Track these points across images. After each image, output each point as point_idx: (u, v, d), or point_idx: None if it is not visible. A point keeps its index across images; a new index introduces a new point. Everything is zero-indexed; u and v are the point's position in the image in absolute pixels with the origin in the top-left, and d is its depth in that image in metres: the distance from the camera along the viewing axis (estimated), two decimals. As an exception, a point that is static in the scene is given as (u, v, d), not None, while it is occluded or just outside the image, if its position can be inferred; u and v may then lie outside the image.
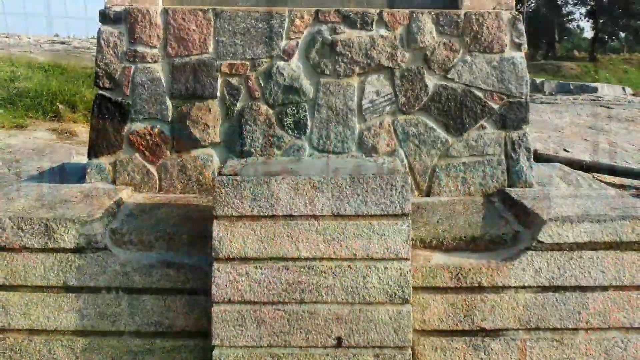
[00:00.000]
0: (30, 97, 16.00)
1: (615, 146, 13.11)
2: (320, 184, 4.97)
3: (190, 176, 6.66)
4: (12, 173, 10.30)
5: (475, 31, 6.67)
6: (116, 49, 6.65)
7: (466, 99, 6.68)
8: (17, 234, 5.31)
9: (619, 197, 6.18)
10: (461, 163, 6.69)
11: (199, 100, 6.65)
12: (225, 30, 6.63)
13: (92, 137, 6.69)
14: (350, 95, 6.67)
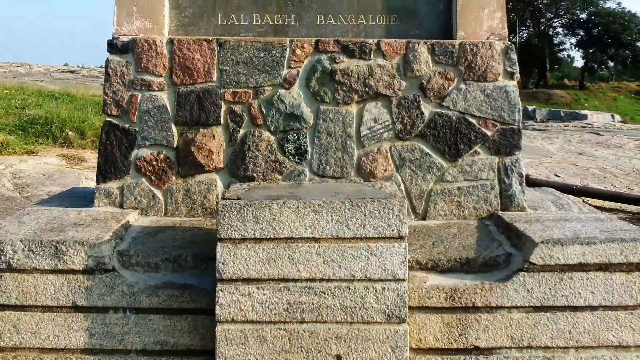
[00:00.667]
0: (41, 124, 16.04)
1: (604, 171, 13.15)
2: (321, 208, 5.01)
3: (195, 200, 6.70)
4: (23, 197, 10.33)
5: (469, 60, 6.73)
6: (123, 77, 6.70)
7: (461, 126, 6.74)
8: (28, 256, 5.34)
9: (608, 221, 6.22)
10: (456, 187, 6.74)
11: (204, 127, 6.71)
12: (228, 60, 6.69)
13: (100, 163, 6.74)
14: (349, 122, 6.72)
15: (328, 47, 6.71)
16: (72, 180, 11.38)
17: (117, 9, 6.77)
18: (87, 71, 43.92)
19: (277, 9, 6.97)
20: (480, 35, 6.80)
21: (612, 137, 19.88)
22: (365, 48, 6.71)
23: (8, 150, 14.17)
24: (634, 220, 9.83)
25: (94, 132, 15.82)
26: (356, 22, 6.98)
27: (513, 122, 6.75)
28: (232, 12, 6.96)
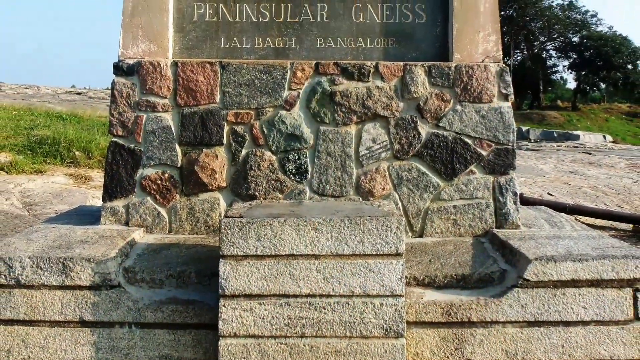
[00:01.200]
0: (49, 144, 16.07)
1: (596, 190, 13.16)
2: (320, 226, 5.03)
3: (198, 218, 6.72)
4: (32, 215, 10.33)
5: (465, 82, 6.75)
6: (129, 99, 6.73)
7: (457, 146, 6.76)
8: (36, 272, 5.36)
9: (600, 238, 6.24)
10: (452, 206, 6.76)
11: (207, 147, 6.73)
12: (231, 82, 6.71)
13: (107, 182, 6.76)
14: (348, 143, 6.74)
15: (328, 69, 6.73)
16: (79, 199, 11.39)
17: (122, 33, 6.80)
18: (94, 93, 43.99)
19: (278, 32, 7.00)
20: (476, 58, 6.83)
21: (603, 157, 19.90)
22: (364, 70, 6.74)
23: (17, 169, 14.20)
24: (625, 237, 9.84)
25: (100, 152, 15.86)
26: (355, 45, 7.01)
27: (507, 142, 6.77)
28: (235, 36, 7.00)
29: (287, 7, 7.01)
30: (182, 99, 6.72)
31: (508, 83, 6.82)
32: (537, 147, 26.49)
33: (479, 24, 6.86)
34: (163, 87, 6.71)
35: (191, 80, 6.71)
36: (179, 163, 6.73)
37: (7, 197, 11.31)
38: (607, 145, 33.17)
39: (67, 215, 7.56)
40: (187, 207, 6.72)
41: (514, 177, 6.79)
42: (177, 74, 6.72)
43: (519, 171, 7.66)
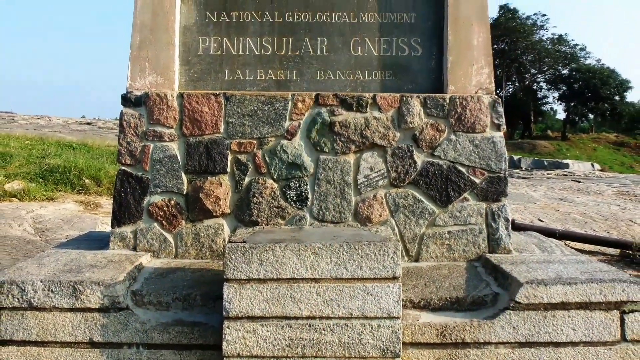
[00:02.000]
0: (60, 172, 16.08)
1: (584, 216, 13.16)
2: (320, 251, 5.04)
3: (203, 243, 6.73)
4: (43, 240, 10.33)
5: (459, 113, 6.78)
6: (137, 129, 6.75)
7: (451, 174, 6.78)
8: (47, 295, 5.37)
9: (588, 262, 6.25)
10: (446, 232, 6.77)
11: (211, 175, 6.75)
12: (234, 112, 6.74)
13: (115, 208, 6.78)
14: (347, 171, 6.76)
15: (327, 100, 6.76)
16: (88, 225, 11.39)
17: (130, 66, 6.83)
18: (103, 123, 44.04)
19: (279, 65, 7.03)
20: (469, 89, 6.86)
21: (592, 184, 19.91)
22: (362, 102, 6.76)
23: (29, 196, 14.21)
24: (613, 261, 9.85)
25: (109, 180, 15.88)
26: (354, 77, 7.04)
27: (500, 170, 6.79)
28: (238, 68, 7.03)
29: (288, 41, 7.05)
30: (187, 129, 6.74)
31: (500, 114, 6.85)
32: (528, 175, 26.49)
33: (472, 58, 6.89)
34: (169, 118, 6.73)
35: (196, 111, 6.73)
36: (184, 190, 6.75)
37: (20, 223, 11.31)
38: (595, 173, 33.18)
39: (77, 240, 7.57)
40: (193, 232, 6.73)
41: (506, 204, 6.80)
42: (182, 105, 6.75)
43: (510, 198, 7.68)
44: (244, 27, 7.05)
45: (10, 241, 9.88)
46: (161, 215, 6.73)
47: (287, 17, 7.06)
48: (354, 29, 7.07)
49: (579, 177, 24.74)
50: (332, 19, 7.07)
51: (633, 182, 21.15)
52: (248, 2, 7.06)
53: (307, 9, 7.07)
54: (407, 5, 7.10)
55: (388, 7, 7.09)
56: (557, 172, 31.15)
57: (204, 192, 6.72)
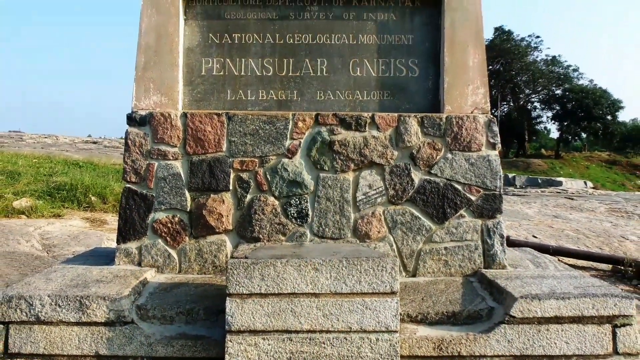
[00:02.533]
0: (67, 189, 16.08)
1: (577, 233, 13.15)
2: (320, 266, 5.05)
3: (206, 259, 6.73)
4: (51, 256, 10.32)
5: (455, 132, 6.80)
6: (142, 147, 6.77)
7: (447, 192, 6.79)
8: (55, 309, 5.38)
9: (581, 278, 6.25)
10: (443, 247, 6.77)
11: (214, 193, 6.76)
12: (237, 132, 6.75)
13: (121, 225, 6.79)
14: (346, 189, 6.77)
15: (327, 120, 6.78)
16: (94, 241, 11.38)
17: (135, 86, 6.85)
18: (109, 142, 44.07)
19: (280, 85, 7.05)
20: (465, 109, 6.87)
21: (584, 201, 19.90)
22: (361, 121, 6.78)
23: (37, 213, 14.21)
24: (605, 277, 9.84)
25: (114, 197, 15.88)
26: (353, 97, 7.06)
27: (495, 188, 6.80)
28: (240, 89, 7.05)
29: (289, 62, 7.07)
30: (191, 148, 6.76)
31: (495, 133, 6.87)
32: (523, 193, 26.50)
33: (468, 78, 6.91)
34: (173, 137, 6.75)
35: (199, 130, 6.75)
36: (188, 207, 6.76)
37: (27, 239, 11.30)
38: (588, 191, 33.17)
39: (83, 256, 7.57)
40: (196, 248, 6.74)
41: (501, 221, 6.81)
42: (186, 125, 6.76)
43: (505, 215, 7.68)
44: (246, 49, 7.08)
45: (19, 257, 9.88)
46: (165, 231, 6.74)
47: (287, 39, 7.09)
48: (353, 50, 7.10)
49: (572, 195, 24.75)
50: (332, 41, 7.10)
51: (625, 200, 21.15)
52: (250, 24, 7.10)
53: (307, 31, 7.10)
54: (404, 28, 7.13)
55: (386, 29, 7.12)
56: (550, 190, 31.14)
57: (207, 209, 6.73)
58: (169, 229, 6.74)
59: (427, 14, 7.16)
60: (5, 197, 14.76)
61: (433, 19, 7.14)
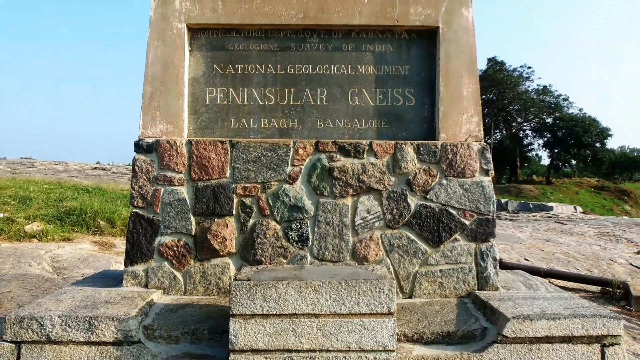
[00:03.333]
0: (76, 214, 16.10)
1: (568, 256, 13.14)
2: (320, 288, 5.05)
3: (210, 281, 6.73)
4: (61, 278, 10.31)
5: (450, 159, 6.81)
6: (148, 174, 6.78)
7: (442, 216, 6.80)
8: (65, 329, 5.38)
9: (571, 299, 6.26)
10: (438, 270, 6.77)
11: (218, 217, 6.76)
12: (240, 158, 6.77)
13: (128, 248, 6.79)
14: (345, 213, 6.78)
15: (327, 147, 6.80)
16: (103, 264, 11.38)
17: (142, 115, 6.87)
18: (117, 168, 44.12)
19: (282, 114, 7.07)
20: (460, 137, 6.90)
21: (574, 226, 19.90)
22: (359, 148, 6.80)
23: (48, 237, 14.22)
24: (594, 298, 9.85)
25: (122, 222, 15.89)
26: (351, 125, 7.08)
27: (488, 213, 6.82)
28: (243, 117, 7.07)
29: (290, 92, 7.10)
30: (195, 174, 6.77)
31: (489, 160, 6.89)
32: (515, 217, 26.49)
33: (462, 107, 6.93)
34: (179, 163, 6.77)
35: (204, 157, 6.77)
36: (193, 231, 6.76)
37: (39, 262, 11.29)
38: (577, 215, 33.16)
39: (92, 278, 7.56)
40: (201, 271, 6.74)
41: (494, 244, 6.82)
42: (191, 152, 6.78)
43: (498, 239, 7.69)
44: (248, 79, 7.11)
45: (30, 279, 9.87)
46: (171, 254, 6.74)
47: (289, 70, 7.12)
48: (351, 80, 7.13)
49: (563, 219, 24.75)
50: (331, 71, 7.13)
51: (613, 224, 21.15)
52: (252, 55, 7.13)
53: (307, 62, 7.13)
54: (401, 59, 7.16)
55: (384, 60, 7.15)
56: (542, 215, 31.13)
57: (211, 233, 6.74)
58: (175, 252, 6.75)
59: (422, 46, 7.19)
60: (17, 222, 14.77)
61: (428, 50, 7.18)
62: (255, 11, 7.01)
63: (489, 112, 77.60)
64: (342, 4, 7.03)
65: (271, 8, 7.01)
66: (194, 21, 7.00)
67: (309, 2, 7.03)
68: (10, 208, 16.18)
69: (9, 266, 10.84)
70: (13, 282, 9.55)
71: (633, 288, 9.91)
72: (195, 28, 7.11)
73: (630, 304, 9.57)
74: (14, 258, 11.39)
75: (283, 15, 7.01)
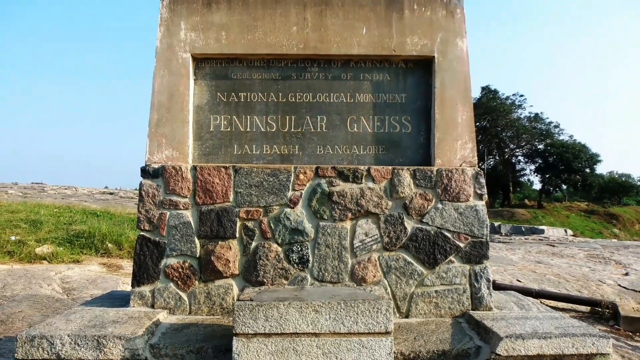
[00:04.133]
0: (85, 237, 16.09)
1: (558, 277, 13.12)
2: (320, 308, 5.06)
3: (214, 301, 6.73)
4: (70, 299, 10.30)
5: (445, 184, 6.83)
6: (154, 198, 6.80)
7: (438, 239, 6.81)
8: (74, 348, 5.37)
9: (562, 319, 6.25)
10: (434, 291, 6.77)
11: (222, 240, 6.77)
12: (242, 183, 6.79)
13: (135, 270, 6.79)
14: (344, 236, 6.79)
15: (326, 172, 6.81)
16: (111, 285, 11.36)
17: (149, 141, 6.89)
18: (124, 193, 44.06)
19: (283, 141, 7.09)
20: (454, 162, 6.91)
21: (565, 248, 19.86)
22: (358, 174, 6.81)
23: (58, 259, 14.20)
24: (584, 318, 9.84)
25: (129, 244, 15.87)
26: (350, 151, 7.10)
27: (482, 236, 6.82)
28: (246, 144, 7.09)
29: (291, 119, 7.12)
30: (200, 198, 6.78)
31: (482, 184, 6.90)
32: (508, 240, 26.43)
33: (457, 134, 6.95)
34: (184, 188, 6.78)
35: (208, 182, 6.78)
36: (197, 254, 6.77)
37: (49, 283, 11.28)
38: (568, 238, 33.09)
39: (100, 299, 7.56)
40: (205, 291, 6.74)
41: (487, 266, 6.82)
42: (196, 177, 6.80)
43: (491, 261, 7.69)
44: (251, 107, 7.14)
45: (41, 299, 9.87)
46: (176, 276, 6.74)
47: (290, 98, 7.14)
48: (350, 108, 7.15)
49: (554, 242, 24.70)
50: (331, 99, 7.15)
51: (602, 246, 21.12)
52: (255, 83, 7.16)
53: (308, 90, 7.15)
54: (398, 87, 7.19)
55: (381, 88, 7.18)
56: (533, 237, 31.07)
57: (215, 255, 6.74)
58: (180, 274, 6.75)
59: (419, 75, 7.22)
60: (28, 244, 14.77)
61: (424, 79, 7.21)
62: (257, 41, 7.05)
63: (483, 138, 77.64)
64: (341, 35, 7.07)
65: (273, 38, 7.05)
66: (198, 51, 7.04)
67: (310, 32, 7.07)
68: (22, 231, 16.18)
69: (21, 287, 10.84)
70: (24, 302, 9.54)
71: (621, 308, 9.92)
72: (199, 58, 7.14)
73: (619, 324, 9.56)
74: (25, 279, 11.39)
75: (284, 46, 7.05)
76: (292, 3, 7.12)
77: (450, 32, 7.13)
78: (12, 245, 14.63)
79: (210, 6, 7.08)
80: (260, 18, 7.07)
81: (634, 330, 9.31)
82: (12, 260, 13.86)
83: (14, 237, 15.31)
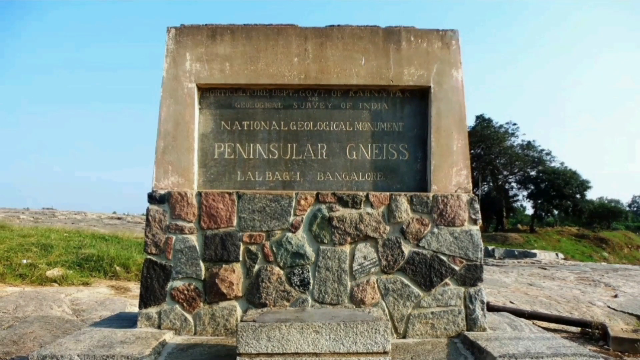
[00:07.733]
0: (94, 260, 16.07)
1: (550, 299, 13.09)
2: (321, 329, 5.06)
3: (218, 322, 6.71)
4: (80, 320, 10.27)
5: (441, 209, 6.84)
6: (161, 223, 6.80)
7: (434, 262, 6.80)
8: (83, 367, 5.37)
9: (553, 339, 6.24)
10: (430, 312, 6.76)
11: (226, 263, 6.77)
12: (246, 209, 6.79)
13: (142, 292, 6.78)
14: (344, 259, 6.79)
15: (326, 198, 6.82)
16: (119, 306, 11.33)
17: (155, 168, 6.91)
18: (131, 218, 44.04)
19: (285, 168, 7.11)
20: (450, 189, 6.93)
21: (556, 271, 19.81)
22: (357, 199, 6.82)
23: (68, 282, 14.17)
24: (574, 338, 9.81)
25: (137, 267, 15.85)
26: (349, 178, 7.11)
27: (476, 259, 6.82)
28: (249, 171, 7.10)
29: (293, 147, 7.14)
30: (205, 223, 6.79)
31: (477, 210, 6.92)
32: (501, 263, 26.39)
33: (452, 161, 6.97)
34: (189, 213, 6.79)
35: (213, 208, 6.79)
36: (202, 276, 6.76)
37: (59, 305, 11.26)
38: (559, 261, 33.04)
39: (109, 320, 7.55)
40: (209, 313, 6.73)
41: (481, 288, 6.81)
42: (201, 202, 6.81)
43: (486, 283, 7.69)
44: (254, 135, 7.16)
45: (51, 320, 9.84)
46: (182, 298, 6.73)
47: (291, 126, 7.16)
48: (349, 136, 7.17)
49: (546, 265, 24.64)
50: (331, 128, 7.17)
51: (592, 269, 21.07)
52: (258, 112, 7.18)
53: (309, 119, 7.18)
54: (395, 116, 7.21)
55: (379, 117, 7.20)
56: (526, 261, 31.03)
57: (220, 278, 6.74)
58: (186, 296, 6.74)
59: (415, 104, 7.25)
60: (39, 267, 14.75)
61: (421, 108, 7.23)
62: (260, 72, 7.08)
63: (477, 165, 77.68)
64: (340, 66, 7.10)
65: (275, 69, 7.08)
66: (203, 81, 7.07)
67: (310, 63, 7.10)
68: (33, 255, 16.15)
69: (32, 308, 10.82)
70: (35, 323, 9.52)
71: (611, 329, 9.89)
72: (204, 87, 7.17)
73: (608, 344, 9.53)
74: (36, 301, 11.37)
75: (286, 76, 7.08)
76: (294, 35, 7.15)
77: (445, 63, 7.16)
78: (23, 268, 14.61)
79: (215, 38, 7.12)
80: (263, 49, 7.11)
81: (623, 351, 9.28)
82: (24, 282, 13.85)
83: (25, 260, 15.30)
